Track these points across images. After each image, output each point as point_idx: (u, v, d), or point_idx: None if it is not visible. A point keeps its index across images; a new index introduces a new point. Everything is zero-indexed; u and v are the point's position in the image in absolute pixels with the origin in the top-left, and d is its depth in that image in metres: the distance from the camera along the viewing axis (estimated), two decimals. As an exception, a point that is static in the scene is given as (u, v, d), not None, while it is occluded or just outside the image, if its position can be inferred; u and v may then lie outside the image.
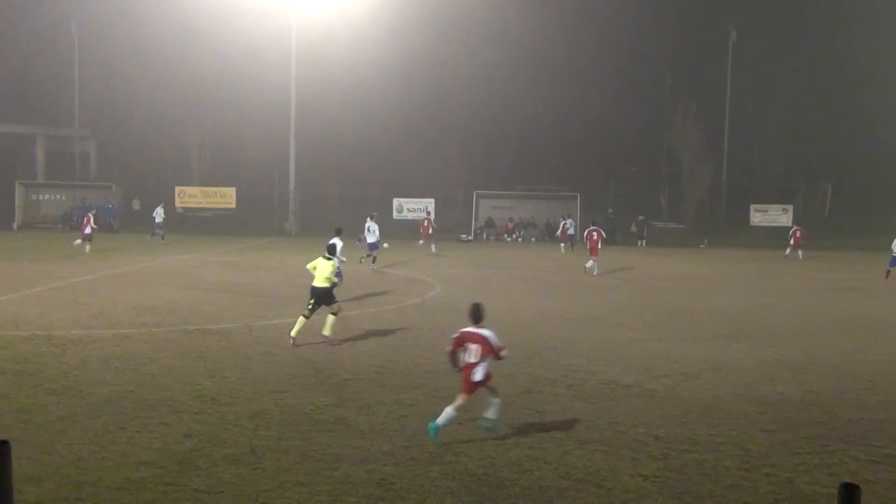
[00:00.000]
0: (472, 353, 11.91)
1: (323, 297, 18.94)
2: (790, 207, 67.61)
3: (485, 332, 12.01)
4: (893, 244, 34.81)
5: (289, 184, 62.43)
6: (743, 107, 71.47)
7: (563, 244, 49.90)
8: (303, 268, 20.29)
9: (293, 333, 18.73)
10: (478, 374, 11.91)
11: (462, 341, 12.05)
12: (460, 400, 11.98)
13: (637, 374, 16.46)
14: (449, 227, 61.11)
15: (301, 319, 18.90)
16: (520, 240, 59.11)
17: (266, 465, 10.92)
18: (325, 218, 64.09)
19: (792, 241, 47.30)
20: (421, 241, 46.36)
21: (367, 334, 20.42)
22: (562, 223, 52.64)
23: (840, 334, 21.82)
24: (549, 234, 60.21)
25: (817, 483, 10.66)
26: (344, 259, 25.27)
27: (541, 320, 23.27)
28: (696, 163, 73.55)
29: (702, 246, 55.91)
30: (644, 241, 57.70)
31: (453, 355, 12.19)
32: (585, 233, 38.30)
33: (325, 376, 15.89)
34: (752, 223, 66.36)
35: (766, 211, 67.46)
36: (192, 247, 42.91)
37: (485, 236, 60.01)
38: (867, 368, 17.44)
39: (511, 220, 61.04)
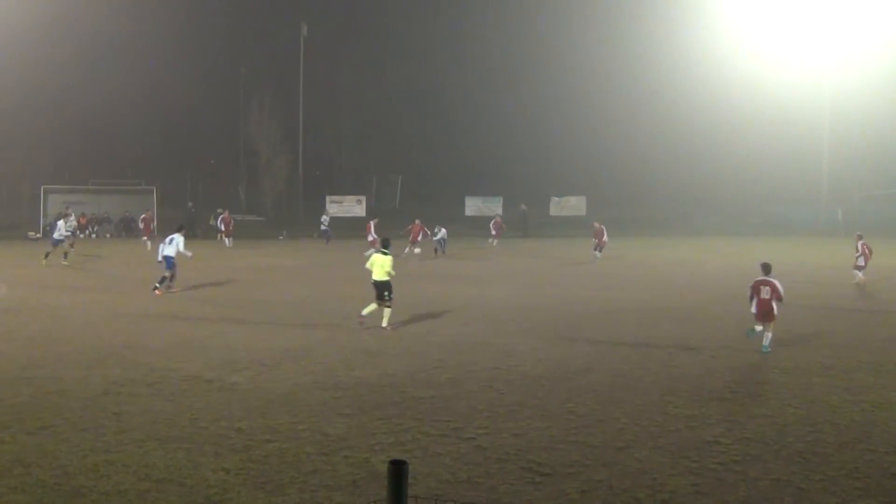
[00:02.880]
0: (765, 293, 18.37)
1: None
2: (363, 198, 70.58)
3: (775, 280, 18.53)
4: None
5: None
6: (318, 101, 73.22)
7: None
8: None
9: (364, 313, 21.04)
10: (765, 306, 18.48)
11: (757, 286, 18.58)
12: (767, 327, 18.41)
13: (219, 368, 16.38)
14: (15, 225, 57.36)
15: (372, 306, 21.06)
16: (94, 236, 56.38)
17: None
18: None
19: (494, 232, 51.08)
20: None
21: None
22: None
23: (411, 317, 23.03)
24: (125, 229, 57.99)
25: (392, 460, 11.22)
26: (190, 254, 28.48)
27: (113, 317, 22.43)
28: (273, 155, 74.39)
29: (281, 237, 56.66)
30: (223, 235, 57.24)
31: (752, 298, 18.69)
32: None
33: None
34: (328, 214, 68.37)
35: (341, 202, 69.95)
36: None
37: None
38: (436, 349, 18.62)
39: (84, 215, 58.00)
